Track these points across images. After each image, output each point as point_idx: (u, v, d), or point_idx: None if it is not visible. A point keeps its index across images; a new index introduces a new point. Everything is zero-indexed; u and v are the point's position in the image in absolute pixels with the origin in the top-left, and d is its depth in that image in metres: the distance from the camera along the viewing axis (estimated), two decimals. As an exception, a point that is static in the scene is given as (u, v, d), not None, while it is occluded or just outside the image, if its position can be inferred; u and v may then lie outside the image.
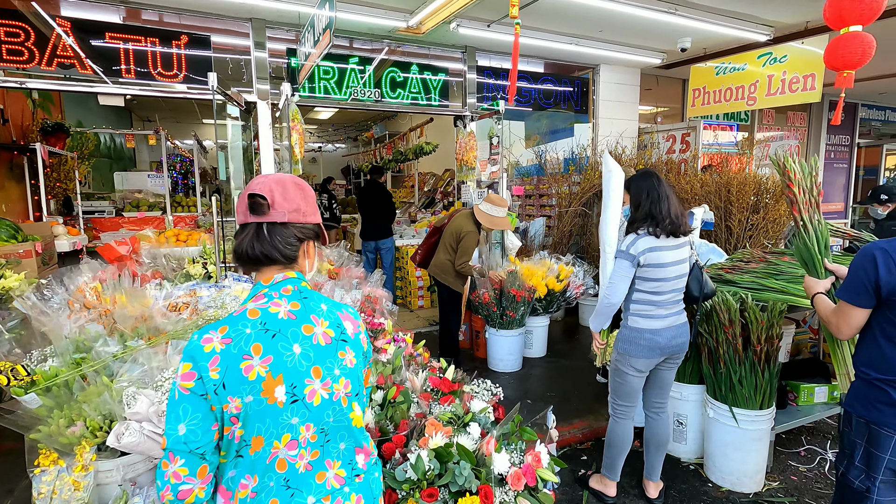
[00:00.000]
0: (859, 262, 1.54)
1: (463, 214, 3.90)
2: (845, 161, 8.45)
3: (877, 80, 6.61)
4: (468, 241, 3.76)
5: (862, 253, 1.54)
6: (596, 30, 4.58)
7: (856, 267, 1.55)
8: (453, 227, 3.82)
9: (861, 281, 1.52)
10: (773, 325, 2.42)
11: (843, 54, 2.45)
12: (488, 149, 4.47)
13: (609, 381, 2.47)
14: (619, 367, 2.33)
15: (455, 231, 3.79)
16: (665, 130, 5.78)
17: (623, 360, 2.29)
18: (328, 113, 10.69)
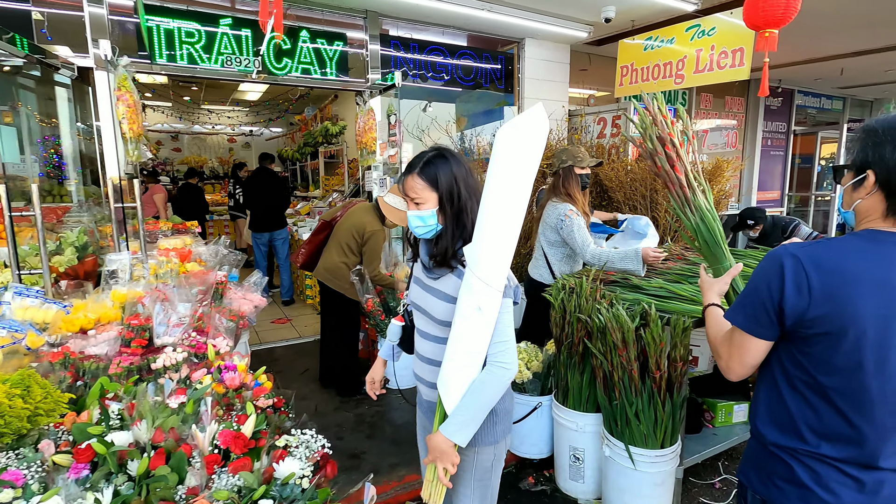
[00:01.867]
0: (762, 271, 1.05)
1: (362, 208, 3.30)
2: (782, 149, 8.33)
3: (812, 63, 6.39)
4: (375, 241, 3.17)
5: (768, 258, 1.05)
6: (509, -7, 4.02)
7: (757, 278, 1.06)
8: (351, 223, 3.21)
9: (761, 299, 1.03)
10: (677, 345, 1.95)
11: (764, 8, 1.99)
12: (387, 129, 3.87)
13: None
14: None
15: (354, 229, 3.18)
16: (594, 113, 5.33)
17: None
18: (256, 93, 9.76)
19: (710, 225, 1.61)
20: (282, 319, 5.05)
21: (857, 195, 1.03)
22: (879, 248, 0.98)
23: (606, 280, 2.55)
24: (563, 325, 2.29)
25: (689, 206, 1.63)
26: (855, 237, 1.01)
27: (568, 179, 2.71)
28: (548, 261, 2.80)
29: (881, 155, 0.97)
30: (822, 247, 1.01)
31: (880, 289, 0.95)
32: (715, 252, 1.62)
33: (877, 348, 0.97)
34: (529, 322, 2.96)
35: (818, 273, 0.97)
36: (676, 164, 1.62)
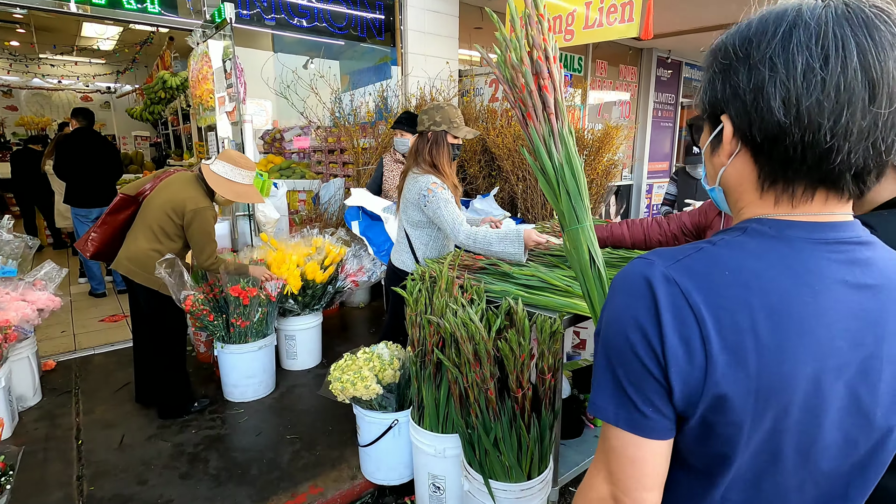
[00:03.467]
0: (618, 312, 0.58)
1: (180, 180, 2.52)
2: (671, 120, 8.55)
3: (698, 32, 6.41)
4: (202, 222, 2.43)
5: (623, 283, 0.59)
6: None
7: (613, 325, 0.58)
8: (165, 199, 2.44)
9: (630, 361, 0.56)
10: (545, 353, 1.54)
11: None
12: (223, 78, 3.08)
13: None
14: None
15: (170, 207, 2.41)
16: (486, 74, 4.87)
17: None
18: (108, 40, 8.07)
19: (576, 167, 1.19)
20: (115, 317, 4.12)
21: (717, 160, 0.63)
22: (793, 255, 0.56)
23: (474, 266, 2.10)
24: (417, 329, 1.80)
25: (554, 140, 1.19)
26: (747, 238, 0.57)
27: (438, 146, 2.15)
28: (411, 245, 2.29)
29: (734, 86, 0.56)
30: (705, 260, 0.56)
31: (810, 330, 0.53)
32: (576, 206, 1.21)
33: (802, 427, 0.55)
34: (394, 319, 2.45)
35: (713, 310, 0.53)
36: (546, 81, 1.15)
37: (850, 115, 0.50)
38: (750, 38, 0.54)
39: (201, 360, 3.28)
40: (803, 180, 0.55)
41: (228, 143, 3.18)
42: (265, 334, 2.77)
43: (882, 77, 0.49)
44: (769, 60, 0.52)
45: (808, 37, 0.51)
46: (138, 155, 8.39)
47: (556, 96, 1.24)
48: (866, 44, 0.49)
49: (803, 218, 0.57)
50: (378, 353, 2.11)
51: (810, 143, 0.52)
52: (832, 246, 0.55)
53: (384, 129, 4.26)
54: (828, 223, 0.56)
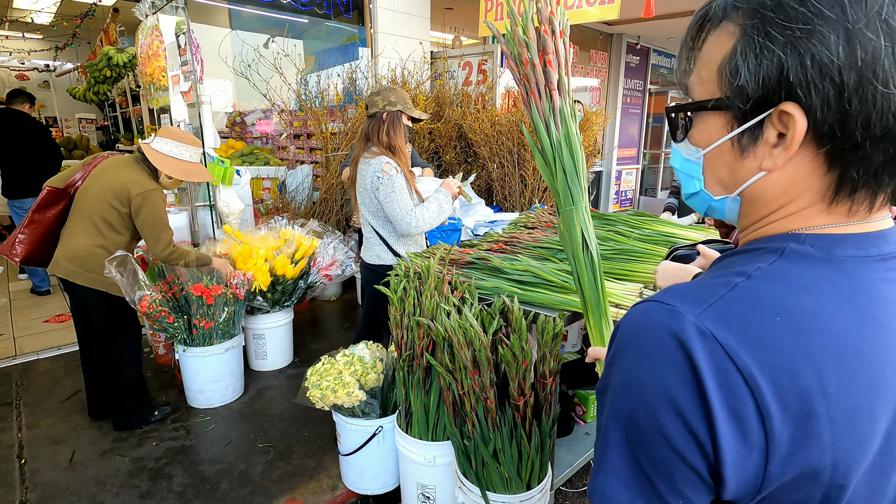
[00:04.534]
0: (644, 382, 0.43)
1: (118, 163, 2.26)
2: (639, 107, 8.61)
3: (668, 18, 6.41)
4: (152, 206, 2.19)
5: (640, 339, 0.45)
6: None
7: (638, 402, 0.44)
8: (104, 186, 2.17)
9: (664, 450, 0.42)
10: (546, 357, 1.43)
11: None
12: (177, 55, 2.79)
13: None
14: None
15: (112, 194, 2.15)
16: (458, 56, 4.69)
17: None
18: (45, 13, 7.35)
19: (575, 146, 1.12)
20: (62, 316, 3.78)
21: (748, 163, 0.47)
22: (848, 282, 0.44)
23: (461, 261, 1.97)
24: (403, 331, 1.66)
25: (554, 118, 1.11)
26: (789, 264, 0.45)
27: (395, 127, 2.08)
28: (382, 238, 2.14)
29: (819, 61, 0.39)
30: (745, 301, 0.43)
31: (883, 377, 0.42)
32: (571, 187, 1.14)
33: (870, 492, 0.44)
34: (371, 318, 2.30)
35: (768, 371, 0.40)
36: (552, 56, 1.08)
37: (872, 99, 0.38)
38: None
39: (160, 362, 3.04)
40: (892, 184, 0.43)
41: (184, 126, 2.90)
42: (232, 335, 2.57)
43: None
44: (884, 23, 0.37)
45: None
46: (83, 139, 7.78)
47: (561, 72, 1.15)
48: None
49: (852, 229, 0.45)
50: (359, 356, 1.96)
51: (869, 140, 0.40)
52: (888, 262, 0.45)
53: (354, 112, 4.04)
54: (877, 233, 0.45)
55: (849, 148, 0.41)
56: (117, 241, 2.20)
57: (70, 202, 2.21)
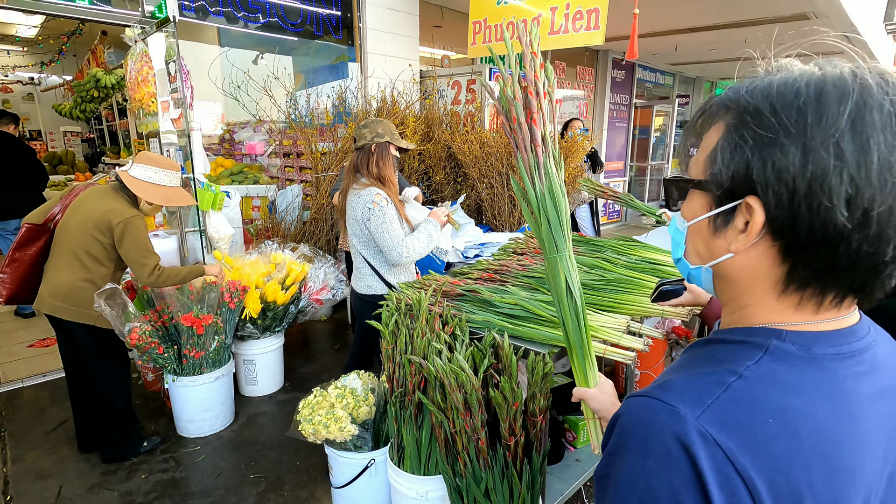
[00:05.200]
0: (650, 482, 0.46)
1: (96, 193, 2.24)
2: (625, 120, 8.75)
3: (654, 36, 6.55)
4: (134, 233, 2.18)
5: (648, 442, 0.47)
6: None
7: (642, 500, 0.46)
8: (85, 218, 2.16)
9: None
10: (536, 395, 1.46)
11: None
12: (167, 81, 2.80)
13: None
14: None
15: (94, 224, 2.14)
16: (448, 75, 4.74)
17: None
18: (30, 27, 7.28)
19: (558, 199, 1.16)
20: (48, 340, 3.73)
21: (719, 243, 0.52)
22: (827, 380, 0.48)
23: (452, 293, 1.99)
24: (395, 367, 1.68)
25: (538, 171, 1.16)
26: (776, 363, 0.48)
27: (384, 158, 2.12)
28: (374, 268, 2.17)
29: (779, 168, 0.45)
30: (741, 404, 0.46)
31: (860, 467, 0.47)
32: (555, 236, 1.19)
33: None
34: (362, 346, 2.31)
35: (765, 473, 0.43)
36: (536, 115, 1.13)
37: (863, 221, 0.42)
38: (802, 109, 0.44)
39: (149, 388, 3.01)
40: (841, 288, 0.48)
41: (174, 151, 2.90)
42: (222, 362, 2.56)
43: None
44: (835, 146, 0.42)
45: (883, 122, 0.42)
46: (68, 154, 7.69)
47: (545, 131, 1.20)
48: None
49: (826, 326, 0.50)
50: (351, 388, 1.97)
51: (868, 255, 0.44)
52: (856, 357, 0.49)
53: (344, 132, 4.07)
54: (847, 329, 0.50)
55: (796, 246, 0.46)
56: (102, 273, 2.19)
57: (51, 237, 2.19)
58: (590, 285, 2.01)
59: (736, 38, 6.58)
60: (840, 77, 0.45)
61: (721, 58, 8.35)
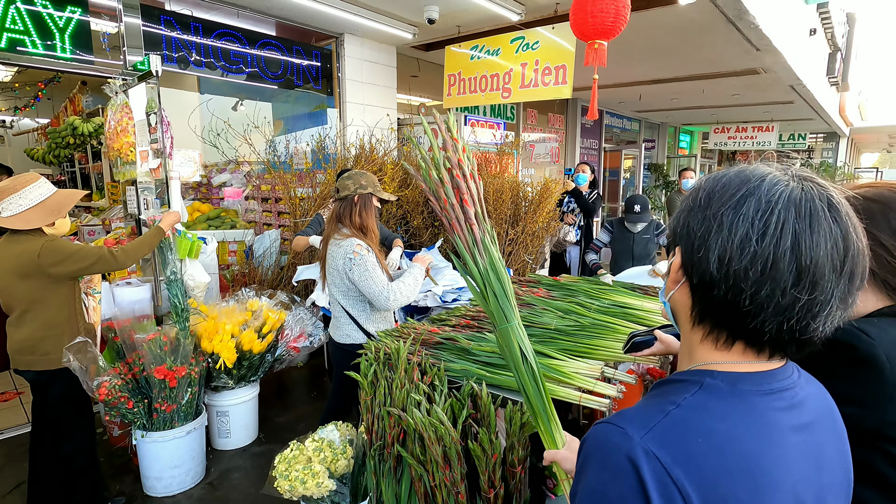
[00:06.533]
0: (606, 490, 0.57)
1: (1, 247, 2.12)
2: (595, 164, 9.10)
3: (619, 87, 6.95)
4: (63, 250, 2.11)
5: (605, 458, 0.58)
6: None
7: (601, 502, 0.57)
8: (6, 272, 2.05)
9: None
10: (514, 446, 1.47)
11: (594, 12, 1.64)
12: (147, 132, 2.84)
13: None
14: None
15: (19, 271, 2.06)
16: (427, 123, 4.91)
17: None
18: (7, 72, 7.25)
19: (500, 271, 1.21)
20: (6, 395, 3.55)
21: (671, 281, 0.68)
22: (749, 411, 0.58)
23: (431, 341, 2.01)
24: (373, 419, 1.67)
25: (478, 247, 1.21)
26: (707, 396, 0.59)
27: (367, 209, 2.19)
28: (352, 317, 2.18)
29: (689, 227, 0.62)
30: (677, 427, 0.57)
31: (779, 485, 0.56)
32: (503, 307, 1.23)
33: None
34: (340, 396, 2.29)
35: (695, 483, 0.53)
36: (465, 195, 1.20)
37: (770, 290, 0.54)
38: (716, 191, 0.59)
39: (115, 444, 2.88)
40: (725, 330, 0.60)
41: (152, 200, 2.91)
42: (194, 415, 2.49)
43: (809, 266, 0.53)
44: (719, 217, 0.57)
45: (756, 210, 0.55)
46: (38, 197, 7.50)
47: (476, 208, 1.27)
48: (805, 233, 0.53)
49: (747, 368, 0.60)
50: (329, 441, 1.94)
51: (732, 302, 0.56)
52: (776, 395, 0.60)
53: (323, 177, 4.13)
54: (768, 372, 0.61)
55: (693, 287, 0.61)
56: (56, 305, 2.10)
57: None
58: (564, 330, 2.06)
59: (695, 89, 7.03)
60: (749, 173, 0.59)
61: (683, 106, 8.87)
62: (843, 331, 0.78)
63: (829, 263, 0.54)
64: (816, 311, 0.55)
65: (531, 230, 3.78)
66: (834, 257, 0.54)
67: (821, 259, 0.53)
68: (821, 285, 0.54)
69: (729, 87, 6.91)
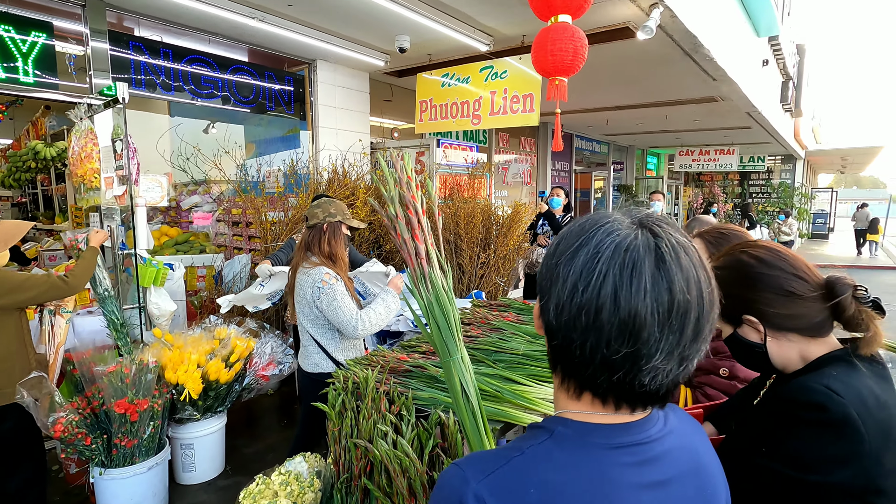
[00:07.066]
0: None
1: None
2: (566, 185, 9.33)
3: (586, 112, 7.19)
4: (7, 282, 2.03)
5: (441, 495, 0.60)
6: (285, 3, 3.36)
7: None
8: None
9: None
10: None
11: (553, 53, 1.71)
12: (113, 158, 2.80)
13: None
14: None
15: None
16: (397, 147, 4.98)
17: None
18: None
19: (445, 306, 1.25)
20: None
21: (535, 325, 0.70)
22: (592, 464, 0.57)
23: (400, 369, 2.02)
24: (340, 450, 1.66)
25: (425, 281, 1.25)
26: (553, 445, 0.59)
27: (336, 237, 2.20)
28: (321, 346, 2.17)
29: (542, 272, 0.62)
30: (514, 474, 0.57)
31: None
32: (447, 340, 1.26)
33: None
34: (307, 427, 2.26)
35: None
36: (417, 231, 1.24)
37: (595, 341, 0.53)
38: (562, 240, 0.59)
39: (71, 482, 2.75)
40: (572, 379, 0.59)
41: (116, 228, 2.85)
42: (156, 450, 2.41)
43: (629, 318, 0.52)
44: (558, 267, 0.57)
45: (584, 260, 0.55)
46: None
47: (427, 245, 1.31)
48: (625, 284, 0.52)
49: (600, 419, 0.59)
50: (296, 473, 1.90)
51: (568, 351, 0.56)
52: (626, 449, 0.57)
53: (295, 201, 4.13)
54: (622, 425, 0.59)
55: (547, 338, 0.60)
56: (4, 339, 2.02)
57: None
58: (532, 355, 2.09)
59: (659, 114, 7.33)
60: (590, 222, 0.58)
61: (648, 130, 9.22)
62: (809, 390, 0.77)
63: (651, 316, 0.52)
64: (642, 365, 0.53)
65: (503, 253, 3.84)
66: (656, 310, 0.52)
67: (640, 311, 0.51)
68: (643, 338, 0.52)
69: (690, 114, 7.24)
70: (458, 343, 1.27)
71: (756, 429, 0.84)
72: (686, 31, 3.50)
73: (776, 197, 14.55)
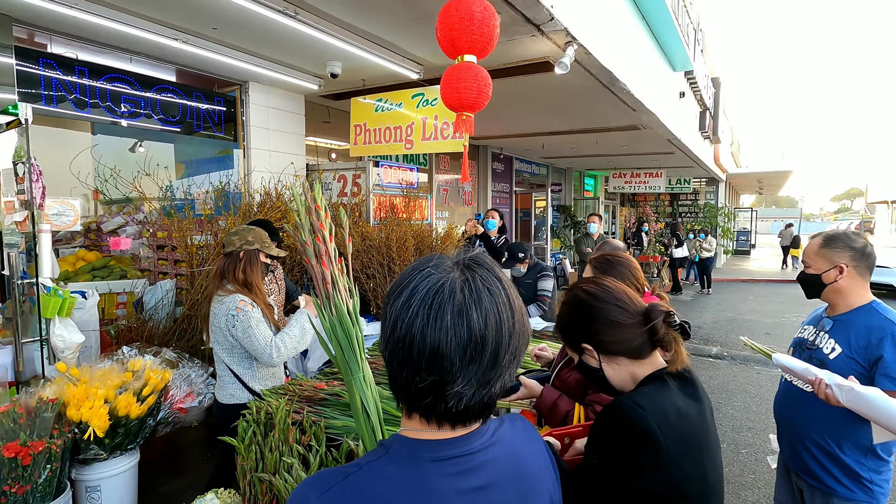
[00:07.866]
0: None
1: None
2: (507, 205, 9.61)
3: (521, 137, 7.48)
4: None
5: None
6: (209, 26, 3.32)
7: None
8: None
9: None
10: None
11: (459, 89, 1.82)
12: (14, 182, 2.63)
13: None
14: None
15: None
16: (334, 169, 4.97)
17: None
18: None
19: (348, 327, 1.31)
20: None
21: None
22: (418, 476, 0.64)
23: (316, 397, 2.00)
24: (246, 486, 1.62)
25: (330, 304, 1.31)
26: (387, 461, 0.66)
27: (252, 265, 2.17)
28: (237, 375, 2.12)
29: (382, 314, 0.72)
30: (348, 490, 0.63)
31: None
32: (349, 360, 1.32)
33: None
34: (225, 458, 2.19)
35: None
36: (324, 257, 1.29)
37: (409, 371, 0.62)
38: (395, 282, 0.67)
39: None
40: (402, 401, 0.67)
41: (16, 255, 2.66)
42: (54, 495, 2.23)
43: (434, 351, 0.60)
44: (387, 306, 0.66)
45: (402, 302, 0.63)
46: None
47: (333, 271, 1.37)
48: (430, 323, 0.60)
49: (429, 436, 0.66)
50: (206, 512, 1.83)
51: (394, 378, 0.65)
52: (450, 461, 0.65)
53: (224, 224, 4.01)
54: (447, 440, 0.66)
55: None
56: None
57: None
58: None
59: (590, 140, 7.75)
60: (417, 266, 0.66)
61: (582, 154, 9.69)
62: (621, 405, 0.88)
63: (452, 349, 0.59)
64: (447, 391, 0.60)
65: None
66: (458, 344, 0.59)
67: (442, 345, 0.59)
68: (445, 367, 0.60)
69: (617, 140, 7.70)
70: (361, 363, 1.31)
71: (590, 443, 0.93)
72: (601, 67, 3.76)
73: (702, 216, 15.63)
